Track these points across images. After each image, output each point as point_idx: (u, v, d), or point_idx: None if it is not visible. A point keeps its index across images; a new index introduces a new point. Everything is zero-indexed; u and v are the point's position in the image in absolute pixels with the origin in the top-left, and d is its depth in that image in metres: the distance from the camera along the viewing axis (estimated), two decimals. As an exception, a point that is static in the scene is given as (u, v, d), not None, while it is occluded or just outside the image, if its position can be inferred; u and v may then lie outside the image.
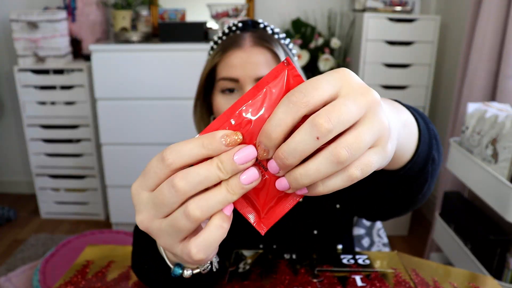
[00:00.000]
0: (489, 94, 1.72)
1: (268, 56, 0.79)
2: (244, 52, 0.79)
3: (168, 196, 0.36)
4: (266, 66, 0.79)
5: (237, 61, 0.79)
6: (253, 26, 0.85)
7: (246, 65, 0.78)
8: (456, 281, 0.72)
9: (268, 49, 0.79)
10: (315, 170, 0.33)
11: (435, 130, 0.58)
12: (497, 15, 1.62)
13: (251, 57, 0.79)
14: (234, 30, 0.85)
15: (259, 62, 0.78)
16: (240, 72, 0.78)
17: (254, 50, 0.79)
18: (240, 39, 0.81)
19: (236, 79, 0.79)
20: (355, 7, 2.30)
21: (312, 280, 0.71)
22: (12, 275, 1.78)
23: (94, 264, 0.77)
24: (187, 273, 0.46)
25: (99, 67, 2.09)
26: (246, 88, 0.78)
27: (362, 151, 0.34)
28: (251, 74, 0.78)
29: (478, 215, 1.47)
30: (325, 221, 0.86)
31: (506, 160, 1.27)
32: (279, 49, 0.80)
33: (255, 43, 0.80)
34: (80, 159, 2.44)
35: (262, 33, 0.83)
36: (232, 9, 2.19)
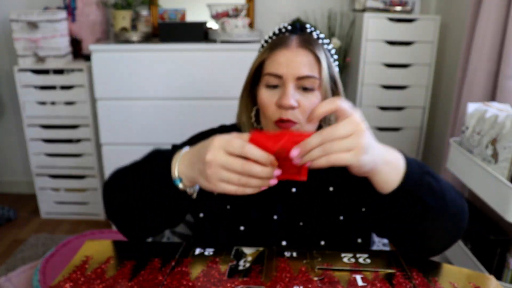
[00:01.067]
0: (489, 94, 1.71)
1: (310, 58, 0.86)
2: (290, 51, 0.86)
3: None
4: (308, 66, 0.85)
5: (282, 59, 0.86)
6: (300, 29, 0.92)
7: (290, 63, 0.85)
8: (457, 280, 0.72)
9: (311, 52, 0.86)
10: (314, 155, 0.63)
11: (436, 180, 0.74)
12: (497, 15, 1.62)
13: (295, 56, 0.86)
14: (284, 32, 0.92)
15: (302, 62, 0.85)
16: (284, 70, 0.85)
17: (299, 51, 0.86)
18: (288, 39, 0.88)
19: (280, 75, 0.85)
20: (355, 7, 2.30)
21: (313, 278, 0.71)
22: (12, 275, 1.77)
23: (93, 259, 0.77)
24: (181, 185, 0.73)
25: (99, 67, 2.09)
26: (288, 84, 0.85)
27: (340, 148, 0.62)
28: (293, 72, 0.85)
29: (478, 215, 1.47)
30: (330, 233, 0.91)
31: (506, 160, 1.27)
32: (322, 52, 0.87)
33: (300, 44, 0.87)
34: (80, 159, 2.44)
35: (308, 36, 0.90)
36: (232, 9, 2.18)
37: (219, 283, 0.69)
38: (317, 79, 0.86)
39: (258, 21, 2.52)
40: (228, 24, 2.12)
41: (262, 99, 0.89)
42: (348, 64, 2.39)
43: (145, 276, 0.71)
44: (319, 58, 0.86)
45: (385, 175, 0.70)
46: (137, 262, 0.76)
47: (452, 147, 1.55)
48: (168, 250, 0.81)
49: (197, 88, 2.12)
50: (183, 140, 1.13)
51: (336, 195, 0.94)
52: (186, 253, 0.80)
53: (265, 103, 0.88)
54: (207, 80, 2.10)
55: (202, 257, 0.78)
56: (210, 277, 0.71)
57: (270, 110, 0.87)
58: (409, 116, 2.22)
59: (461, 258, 1.48)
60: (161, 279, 0.71)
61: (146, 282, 0.70)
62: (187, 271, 0.73)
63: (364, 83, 2.16)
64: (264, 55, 0.89)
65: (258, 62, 0.91)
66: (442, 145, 2.38)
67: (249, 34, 2.13)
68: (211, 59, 2.08)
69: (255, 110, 0.97)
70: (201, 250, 0.80)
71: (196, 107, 2.15)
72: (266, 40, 0.95)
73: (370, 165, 0.66)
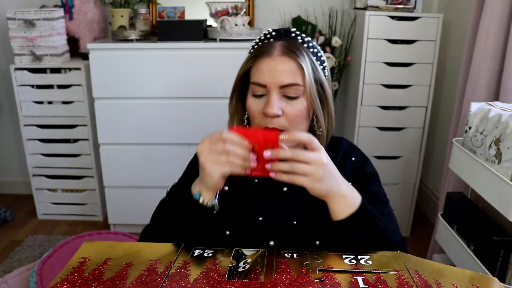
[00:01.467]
0: (492, 94, 1.70)
1: (293, 65, 0.87)
2: (273, 60, 0.88)
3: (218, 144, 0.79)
4: (291, 74, 0.87)
5: (265, 68, 0.88)
6: (285, 35, 0.93)
7: (273, 72, 0.87)
8: (459, 282, 0.71)
9: (294, 59, 0.88)
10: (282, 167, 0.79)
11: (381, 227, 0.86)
12: (500, 13, 1.60)
13: (278, 65, 0.88)
14: (269, 38, 0.94)
15: (284, 70, 0.87)
16: (268, 79, 0.87)
17: (281, 59, 0.88)
18: (271, 47, 0.90)
19: (264, 84, 0.88)
20: (356, 5, 2.28)
21: (313, 280, 0.70)
22: (8, 276, 1.75)
23: (91, 261, 0.76)
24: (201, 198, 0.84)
25: (97, 66, 2.07)
26: (272, 93, 0.88)
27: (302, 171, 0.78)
28: (276, 81, 0.87)
29: (481, 216, 1.45)
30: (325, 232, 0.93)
31: (509, 160, 1.25)
32: (305, 58, 0.89)
33: (283, 52, 0.88)
34: (78, 159, 2.42)
35: (292, 42, 0.91)
36: (231, 7, 2.16)
37: (218, 285, 0.69)
38: (301, 86, 0.87)
39: (258, 20, 2.51)
40: (228, 23, 2.11)
41: (249, 108, 0.93)
42: (349, 63, 2.37)
43: (143, 278, 0.70)
44: (302, 65, 0.87)
45: (337, 204, 0.83)
46: (136, 264, 0.75)
47: (455, 147, 1.53)
48: (167, 251, 0.79)
49: (196, 87, 2.10)
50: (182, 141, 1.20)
51: None
52: (185, 254, 0.79)
53: (252, 112, 0.92)
54: (206, 79, 2.08)
55: (202, 258, 0.77)
56: (209, 279, 0.70)
57: (257, 118, 0.91)
58: (411, 116, 2.20)
59: (463, 260, 1.46)
60: (159, 281, 0.69)
61: (144, 284, 0.69)
62: (186, 272, 0.72)
63: (366, 82, 2.14)
64: (249, 64, 0.92)
65: (243, 70, 0.93)
66: (445, 145, 2.37)
67: (249, 32, 2.11)
68: (211, 57, 2.06)
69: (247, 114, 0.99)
70: (200, 251, 0.79)
71: (196, 106, 2.13)
72: (253, 46, 0.97)
73: (322, 192, 0.80)
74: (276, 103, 0.87)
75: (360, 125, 2.21)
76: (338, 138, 1.05)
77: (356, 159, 1.01)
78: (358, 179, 0.98)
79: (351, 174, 0.98)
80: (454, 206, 1.58)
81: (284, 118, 0.88)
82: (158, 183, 2.24)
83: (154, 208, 1.01)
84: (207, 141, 0.80)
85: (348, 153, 1.01)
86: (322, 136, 0.95)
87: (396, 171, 2.28)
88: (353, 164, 1.00)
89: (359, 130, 2.22)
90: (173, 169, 1.09)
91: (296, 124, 0.90)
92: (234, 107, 1.00)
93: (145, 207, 2.22)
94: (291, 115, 0.88)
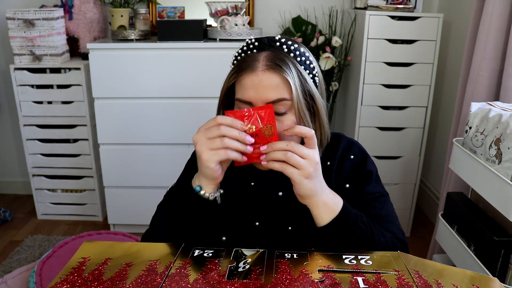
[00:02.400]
0: (492, 93, 1.69)
1: (278, 80, 0.83)
2: (256, 76, 0.83)
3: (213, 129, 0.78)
4: (277, 89, 0.83)
5: (249, 84, 0.84)
6: (269, 44, 0.88)
7: (258, 88, 0.83)
8: (460, 282, 0.71)
9: (278, 73, 0.83)
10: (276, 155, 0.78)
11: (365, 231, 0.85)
12: (501, 13, 1.60)
13: (262, 80, 0.83)
14: (252, 49, 0.88)
15: (270, 85, 0.83)
16: (253, 95, 0.84)
17: (265, 74, 0.83)
18: (254, 60, 0.85)
19: (249, 101, 0.84)
20: (357, 5, 2.28)
21: (313, 280, 0.70)
22: (8, 277, 1.75)
23: (90, 261, 0.75)
24: (202, 191, 0.83)
25: (96, 66, 2.07)
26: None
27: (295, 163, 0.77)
28: (262, 97, 0.83)
29: (481, 216, 1.45)
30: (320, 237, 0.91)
31: (510, 160, 1.25)
32: (291, 70, 0.84)
33: (267, 66, 0.83)
34: (77, 159, 2.42)
35: (276, 54, 0.85)
36: (231, 7, 2.16)
37: (218, 285, 0.68)
38: (289, 100, 0.83)
39: (258, 19, 2.50)
40: (228, 22, 2.10)
41: None
42: (349, 62, 2.37)
43: (143, 278, 0.70)
44: (287, 79, 0.83)
45: (319, 209, 0.83)
46: (135, 264, 0.74)
47: (455, 147, 1.53)
48: (166, 252, 0.79)
49: (196, 87, 2.10)
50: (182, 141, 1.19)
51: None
52: (185, 254, 0.78)
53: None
54: (206, 78, 2.08)
55: (201, 259, 0.77)
56: (209, 279, 0.70)
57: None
58: (412, 116, 2.19)
59: (464, 260, 1.46)
60: (159, 281, 0.69)
61: (144, 284, 0.68)
62: (185, 272, 0.72)
63: (366, 82, 2.14)
64: (232, 79, 0.88)
65: (226, 86, 0.89)
66: (445, 145, 2.37)
67: (249, 32, 2.11)
68: (210, 57, 2.06)
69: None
70: (200, 251, 0.79)
71: (196, 106, 2.12)
72: (236, 56, 0.92)
73: (307, 192, 0.80)
74: None
75: (360, 125, 2.21)
76: (337, 135, 1.01)
77: (355, 158, 0.98)
78: (357, 179, 0.96)
79: (350, 173, 0.96)
80: (455, 206, 1.58)
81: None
82: (158, 183, 2.24)
83: (154, 208, 1.01)
84: (202, 129, 0.80)
85: (347, 151, 0.98)
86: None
87: (396, 171, 2.27)
88: (352, 162, 0.97)
89: (359, 130, 2.21)
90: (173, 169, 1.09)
91: (286, 139, 0.86)
92: None
93: (145, 207, 2.23)
94: (281, 132, 0.84)
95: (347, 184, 0.96)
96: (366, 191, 0.95)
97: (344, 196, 0.90)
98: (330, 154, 0.97)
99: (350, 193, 0.95)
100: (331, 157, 0.97)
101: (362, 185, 0.96)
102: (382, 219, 0.93)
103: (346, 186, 0.96)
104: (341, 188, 0.95)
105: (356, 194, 0.95)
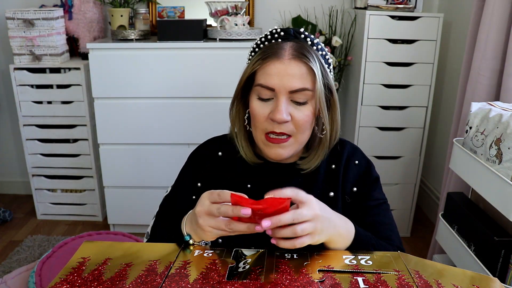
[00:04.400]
0: (493, 93, 1.69)
1: (303, 70, 0.84)
2: (283, 63, 0.84)
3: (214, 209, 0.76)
4: (301, 79, 0.84)
5: (275, 71, 0.84)
6: (294, 36, 0.89)
7: (283, 76, 0.84)
8: (460, 282, 0.71)
9: (305, 63, 0.84)
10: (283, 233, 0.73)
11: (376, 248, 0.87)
12: (501, 13, 1.60)
13: (288, 69, 0.84)
14: (276, 38, 0.89)
15: (295, 74, 0.84)
16: (277, 82, 0.84)
17: (292, 62, 0.84)
18: (280, 49, 0.86)
19: (272, 88, 0.85)
20: (357, 5, 2.28)
21: (314, 280, 0.70)
22: (7, 277, 1.74)
23: (90, 261, 0.75)
24: (191, 241, 0.82)
25: (96, 66, 2.06)
26: (281, 97, 0.85)
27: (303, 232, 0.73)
28: (286, 85, 0.84)
29: (481, 216, 1.44)
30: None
31: (510, 160, 1.24)
32: (315, 62, 0.85)
33: (293, 55, 0.84)
34: (77, 159, 2.41)
35: (301, 45, 0.87)
36: (231, 6, 2.16)
37: (218, 285, 0.68)
38: (311, 90, 0.85)
39: (258, 19, 2.50)
40: (228, 22, 2.10)
41: (254, 110, 0.89)
42: (349, 62, 2.36)
43: (143, 278, 0.70)
44: (313, 69, 0.84)
45: (336, 244, 0.82)
46: (135, 264, 0.74)
47: (455, 147, 1.52)
48: (166, 252, 0.79)
49: (196, 87, 2.09)
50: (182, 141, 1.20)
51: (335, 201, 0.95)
52: (185, 254, 0.78)
53: (257, 115, 0.88)
54: (206, 78, 2.07)
55: (201, 259, 0.77)
56: (209, 279, 0.70)
57: (262, 122, 0.88)
58: (412, 116, 2.19)
59: (464, 260, 1.46)
60: (159, 281, 0.69)
61: (144, 284, 0.68)
62: (185, 272, 0.71)
63: (366, 82, 2.14)
64: (256, 65, 0.87)
65: (249, 71, 0.89)
66: (445, 145, 2.36)
67: (249, 32, 2.11)
68: (210, 57, 2.06)
69: (247, 113, 0.96)
70: (200, 252, 0.79)
71: (195, 106, 2.12)
72: (258, 44, 0.92)
73: (323, 240, 0.78)
74: (285, 109, 0.84)
75: (361, 125, 2.20)
76: (341, 141, 1.02)
77: (360, 163, 1.00)
78: (364, 184, 0.98)
79: (357, 176, 0.98)
80: (455, 206, 1.57)
81: (292, 123, 0.86)
82: (157, 183, 2.24)
83: (154, 208, 1.01)
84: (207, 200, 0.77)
85: (352, 155, 1.00)
86: (324, 140, 0.93)
87: (396, 171, 2.27)
88: (358, 167, 0.99)
89: (359, 130, 2.21)
90: (173, 169, 1.09)
91: (303, 129, 0.88)
92: (235, 111, 0.96)
93: (144, 208, 2.23)
94: (300, 120, 0.86)
95: (354, 187, 0.97)
96: (372, 196, 0.97)
97: (351, 199, 0.93)
98: (335, 157, 0.99)
99: (356, 197, 0.97)
100: (337, 160, 0.99)
101: (369, 190, 0.97)
102: (385, 227, 0.95)
103: (353, 189, 0.97)
104: (349, 191, 0.97)
105: (362, 198, 0.97)
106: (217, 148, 1.01)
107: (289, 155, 0.91)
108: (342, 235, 0.82)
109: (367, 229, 0.91)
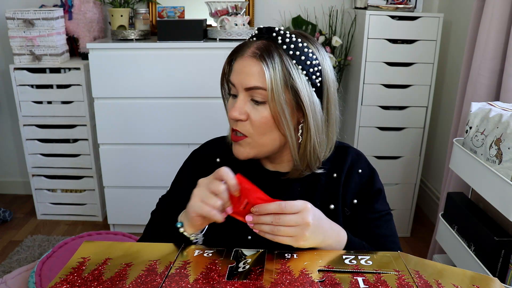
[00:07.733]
0: (493, 93, 1.69)
1: (258, 69, 0.83)
2: (243, 60, 0.85)
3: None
4: (257, 77, 0.83)
5: (236, 68, 0.86)
6: (266, 34, 0.87)
7: (241, 73, 0.85)
8: (460, 282, 0.71)
9: (259, 63, 0.83)
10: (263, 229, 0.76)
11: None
12: (501, 13, 1.60)
13: (246, 66, 0.84)
14: (253, 36, 0.90)
15: (250, 72, 0.83)
16: (237, 79, 0.85)
17: (250, 60, 0.84)
18: (246, 47, 0.86)
19: (234, 84, 0.86)
20: (357, 5, 2.28)
21: (314, 280, 0.69)
22: (7, 277, 1.74)
23: (90, 261, 0.75)
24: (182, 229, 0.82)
25: (96, 66, 2.06)
26: (239, 94, 0.86)
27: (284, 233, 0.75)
28: (243, 82, 0.84)
29: (481, 216, 1.44)
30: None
31: (510, 160, 1.24)
32: (274, 62, 0.82)
33: (253, 54, 0.84)
34: (77, 159, 2.41)
35: (267, 44, 0.84)
36: (231, 6, 2.16)
37: (218, 285, 0.68)
38: (265, 89, 0.82)
39: (258, 19, 2.50)
40: (228, 22, 2.10)
41: (226, 107, 0.93)
42: (349, 62, 2.36)
43: (143, 278, 0.70)
44: (264, 69, 0.82)
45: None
46: (135, 264, 0.74)
47: (455, 147, 1.52)
48: (166, 252, 0.79)
49: (196, 87, 2.09)
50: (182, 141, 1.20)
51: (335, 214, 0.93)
52: (185, 254, 0.78)
53: (227, 112, 0.90)
54: (206, 78, 2.07)
55: (201, 259, 0.76)
56: (209, 279, 0.70)
57: (229, 119, 0.88)
58: (412, 116, 2.19)
59: (464, 260, 1.45)
60: (159, 281, 0.69)
61: (144, 284, 0.68)
62: (185, 273, 0.71)
63: (366, 82, 2.14)
64: (226, 62, 0.91)
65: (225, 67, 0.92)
66: (445, 145, 2.36)
67: (249, 32, 2.11)
68: (210, 57, 2.06)
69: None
70: (200, 251, 0.79)
71: (195, 106, 2.12)
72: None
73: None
74: (240, 106, 0.84)
75: (360, 125, 2.20)
76: (344, 147, 0.99)
77: (364, 172, 0.96)
78: (365, 196, 0.95)
79: (358, 187, 0.95)
80: (455, 206, 1.57)
81: (248, 123, 0.85)
82: (157, 183, 2.24)
83: (153, 208, 1.01)
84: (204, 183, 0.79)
85: (355, 164, 0.96)
86: (293, 148, 0.87)
87: (396, 171, 2.27)
88: (360, 177, 0.95)
89: (359, 130, 2.21)
90: (173, 169, 1.08)
91: (262, 132, 0.85)
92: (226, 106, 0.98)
93: (144, 208, 2.22)
94: (255, 121, 0.84)
95: (355, 199, 0.95)
96: (374, 208, 0.94)
97: (351, 211, 0.91)
98: (337, 165, 0.96)
99: (357, 209, 0.94)
100: (339, 169, 0.95)
101: (370, 202, 0.94)
102: (386, 239, 0.93)
103: (354, 201, 0.95)
104: (349, 202, 0.94)
105: (363, 210, 0.94)
106: (215, 153, 0.99)
107: (249, 156, 0.89)
108: (331, 246, 0.81)
109: (368, 241, 0.90)
